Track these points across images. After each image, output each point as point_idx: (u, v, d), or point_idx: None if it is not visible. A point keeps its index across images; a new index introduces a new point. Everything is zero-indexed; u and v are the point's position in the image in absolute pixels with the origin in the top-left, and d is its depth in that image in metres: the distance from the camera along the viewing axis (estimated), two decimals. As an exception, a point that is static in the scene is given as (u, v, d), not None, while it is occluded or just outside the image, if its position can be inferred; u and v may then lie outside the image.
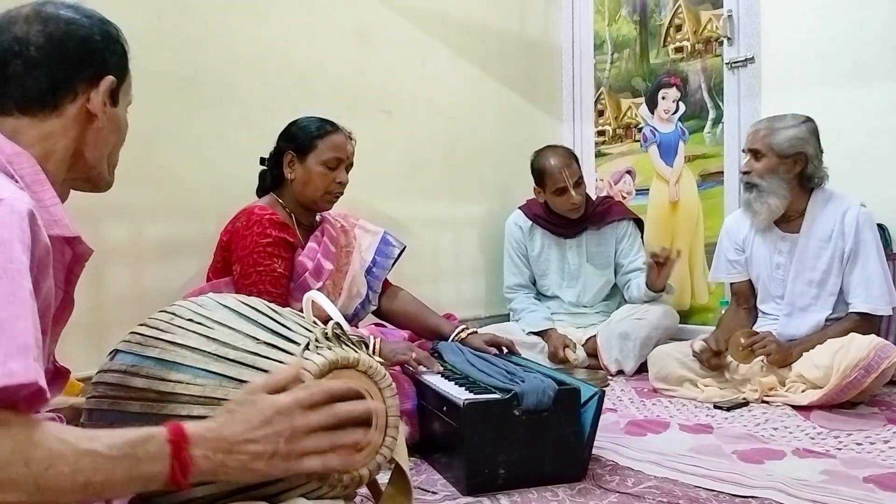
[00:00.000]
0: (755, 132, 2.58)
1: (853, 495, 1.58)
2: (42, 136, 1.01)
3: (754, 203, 2.57)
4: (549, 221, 3.24)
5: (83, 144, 1.06)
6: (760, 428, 2.15)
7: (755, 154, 2.56)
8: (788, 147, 2.51)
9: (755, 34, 3.18)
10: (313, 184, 2.21)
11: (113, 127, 1.10)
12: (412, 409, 1.88)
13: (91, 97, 1.05)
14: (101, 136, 1.07)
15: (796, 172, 2.53)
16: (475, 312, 3.38)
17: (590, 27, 3.83)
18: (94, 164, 1.09)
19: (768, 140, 2.52)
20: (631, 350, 2.96)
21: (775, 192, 2.53)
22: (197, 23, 2.46)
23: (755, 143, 2.56)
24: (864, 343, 2.26)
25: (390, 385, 1.07)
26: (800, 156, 2.52)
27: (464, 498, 1.61)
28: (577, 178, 3.08)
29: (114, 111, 1.09)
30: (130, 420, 0.97)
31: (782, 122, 2.55)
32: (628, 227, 3.24)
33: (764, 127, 2.56)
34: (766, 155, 2.53)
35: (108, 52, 1.07)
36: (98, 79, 1.05)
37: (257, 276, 2.07)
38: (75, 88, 1.04)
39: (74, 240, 0.99)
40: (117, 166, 1.16)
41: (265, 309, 1.11)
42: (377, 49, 3.01)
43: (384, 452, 1.05)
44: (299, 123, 2.25)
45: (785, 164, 2.52)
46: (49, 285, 0.89)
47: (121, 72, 1.09)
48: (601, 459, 1.84)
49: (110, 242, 2.25)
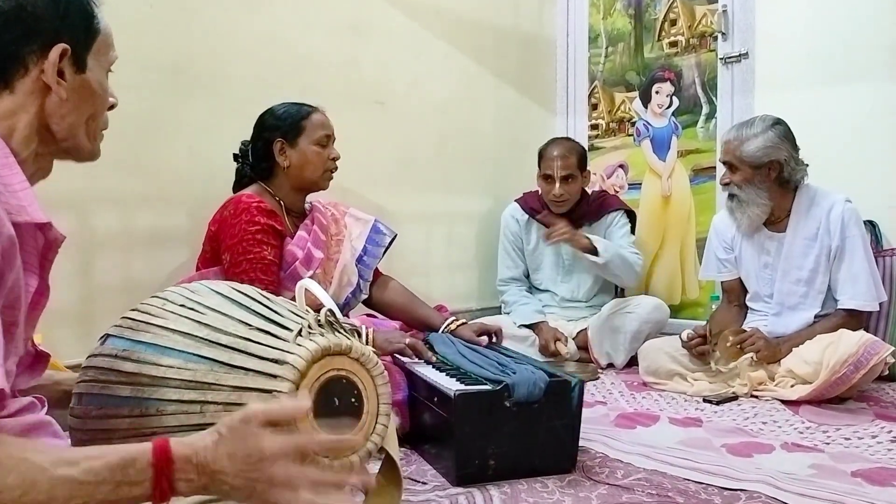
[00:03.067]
0: (726, 144, 2.58)
1: (841, 489, 1.59)
2: (1, 115, 0.97)
3: (736, 212, 2.59)
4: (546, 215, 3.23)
5: (47, 118, 1.00)
6: (749, 422, 2.16)
7: (729, 166, 2.57)
8: (760, 157, 2.50)
9: (749, 30, 3.19)
10: (311, 164, 2.22)
11: (84, 94, 1.04)
12: (403, 400, 1.88)
13: (45, 69, 0.98)
14: (65, 106, 1.01)
15: (773, 178, 2.53)
16: (467, 305, 3.38)
17: (584, 21, 3.82)
18: (64, 136, 1.03)
19: (738, 153, 2.52)
20: (621, 343, 2.97)
21: (754, 200, 2.54)
22: (188, 11, 2.45)
23: (727, 155, 2.57)
24: (854, 339, 2.27)
25: (382, 373, 1.06)
26: (773, 163, 2.51)
27: (454, 488, 1.61)
28: (568, 173, 3.05)
29: (81, 78, 1.03)
30: (121, 404, 0.96)
31: (750, 129, 2.53)
32: (617, 215, 3.22)
33: (733, 138, 2.55)
34: (738, 167, 2.53)
35: (59, 19, 1.00)
36: (49, 48, 0.98)
37: (248, 265, 2.06)
38: (24, 62, 0.98)
39: (45, 226, 0.95)
40: (103, 138, 1.11)
41: (258, 296, 1.11)
42: (370, 41, 3.00)
43: (374, 440, 1.05)
44: (276, 112, 2.25)
45: (759, 174, 2.52)
46: (16, 276, 0.87)
47: (84, 35, 1.03)
48: (591, 451, 1.85)
49: (99, 231, 2.24)
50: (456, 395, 1.63)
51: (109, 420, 0.99)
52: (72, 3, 1.02)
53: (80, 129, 1.05)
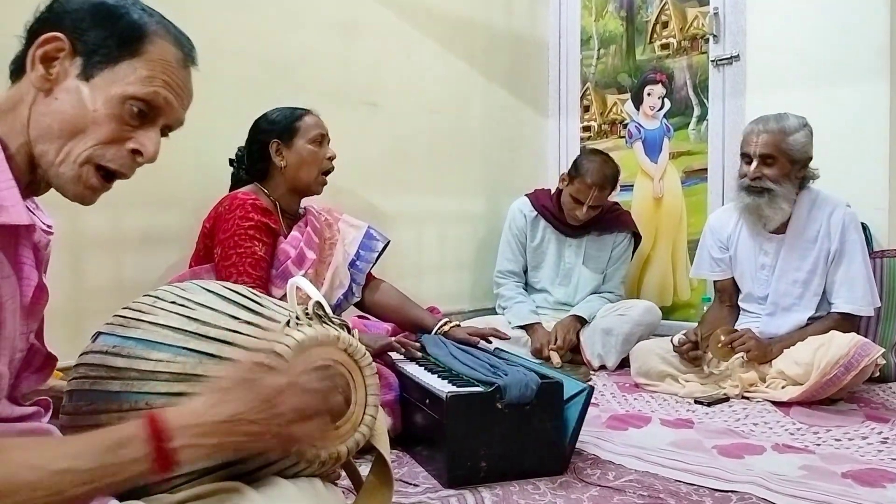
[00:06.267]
0: (766, 135, 2.47)
1: (831, 490, 1.59)
2: (6, 107, 0.93)
3: (766, 208, 2.51)
4: (556, 217, 3.23)
5: (31, 113, 0.92)
6: (741, 423, 2.16)
7: (765, 159, 2.48)
8: (800, 152, 2.47)
9: (741, 32, 3.20)
10: (307, 164, 2.22)
11: (73, 103, 0.92)
12: (395, 401, 1.88)
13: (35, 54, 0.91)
14: (44, 105, 0.92)
15: (801, 176, 2.53)
16: (459, 306, 3.38)
17: (576, 22, 3.83)
18: (35, 138, 0.92)
19: (784, 145, 2.46)
20: (613, 345, 2.97)
21: (786, 196, 2.50)
22: (179, 11, 2.41)
23: (767, 147, 2.47)
24: (845, 341, 2.28)
25: (370, 364, 1.06)
26: (807, 160, 2.50)
27: (445, 490, 1.61)
28: (599, 203, 3.07)
29: (77, 84, 0.93)
30: (111, 399, 0.96)
31: (787, 123, 2.48)
32: (626, 238, 3.26)
33: (775, 130, 2.47)
34: (778, 160, 2.47)
35: (75, 14, 0.93)
36: None
37: (237, 258, 2.06)
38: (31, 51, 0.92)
39: (29, 228, 0.92)
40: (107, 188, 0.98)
41: (248, 293, 1.11)
42: (362, 41, 2.99)
43: (363, 430, 1.05)
44: (269, 115, 2.26)
45: (795, 169, 2.49)
46: None
47: (103, 41, 0.93)
48: (582, 453, 1.85)
49: (90, 231, 2.22)
50: (447, 396, 1.62)
51: (100, 416, 0.99)
52: (112, 12, 0.95)
53: (54, 143, 0.93)
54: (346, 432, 1.03)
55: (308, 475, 1.00)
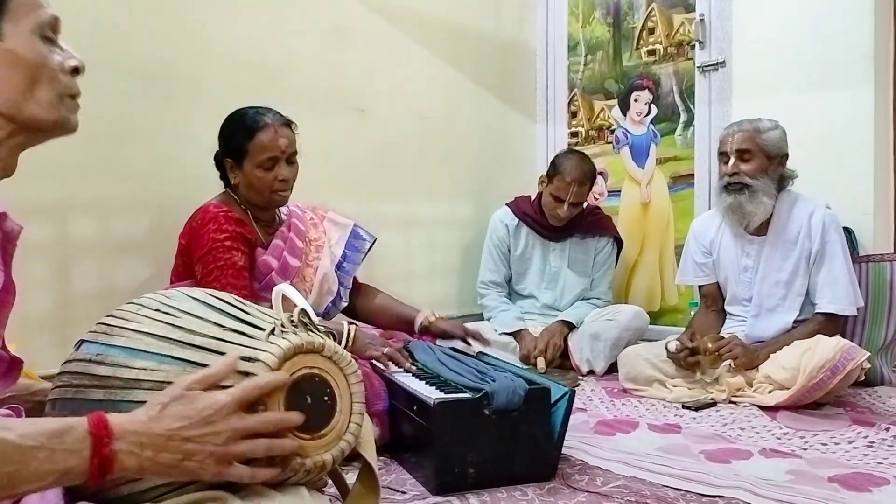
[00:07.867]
0: (741, 133, 2.56)
1: (818, 495, 1.60)
2: None
3: (747, 204, 2.54)
4: (537, 222, 3.24)
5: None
6: (728, 428, 2.17)
7: (742, 154, 2.55)
8: (776, 148, 2.54)
9: (726, 38, 3.22)
10: (255, 188, 2.15)
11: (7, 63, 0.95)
12: (384, 412, 1.86)
13: None
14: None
15: (778, 174, 2.57)
16: (448, 312, 3.35)
17: (564, 29, 3.84)
18: (9, 111, 0.95)
19: (759, 140, 2.53)
20: (601, 350, 2.98)
21: (766, 191, 2.54)
22: (168, 17, 2.43)
23: (744, 143, 2.54)
24: (831, 345, 2.29)
25: (356, 371, 1.06)
26: (784, 157, 2.56)
27: (433, 497, 1.60)
28: (579, 200, 3.09)
29: None
30: (93, 407, 0.95)
31: (761, 123, 2.56)
32: (608, 243, 3.28)
33: (750, 128, 2.56)
34: (755, 155, 2.53)
35: None
36: None
37: (219, 272, 2.04)
38: None
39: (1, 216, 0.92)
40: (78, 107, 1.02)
41: (233, 300, 1.10)
42: (352, 47, 2.99)
43: (348, 438, 1.04)
44: (231, 123, 2.18)
45: (772, 165, 2.55)
46: None
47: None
48: (570, 459, 1.85)
49: (76, 238, 2.21)
50: (435, 403, 1.62)
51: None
52: None
53: (25, 102, 0.97)
54: (331, 440, 1.02)
55: (293, 484, 0.99)
